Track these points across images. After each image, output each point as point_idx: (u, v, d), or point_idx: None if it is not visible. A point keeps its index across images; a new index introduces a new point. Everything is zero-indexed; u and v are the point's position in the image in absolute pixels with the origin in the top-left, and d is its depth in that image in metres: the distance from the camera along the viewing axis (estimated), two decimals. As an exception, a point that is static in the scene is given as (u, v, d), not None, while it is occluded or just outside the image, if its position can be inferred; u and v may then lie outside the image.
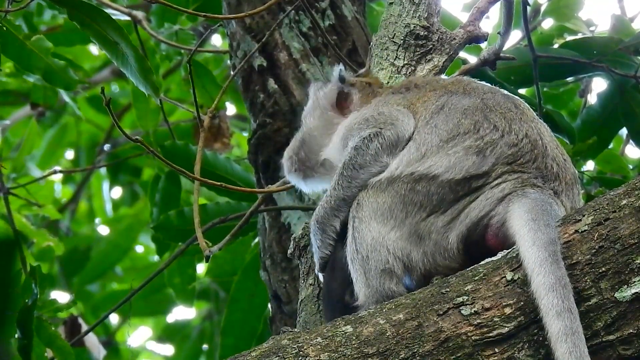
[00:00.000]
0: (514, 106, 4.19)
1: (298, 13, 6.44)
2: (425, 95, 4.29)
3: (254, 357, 3.79)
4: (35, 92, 7.79)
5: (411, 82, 4.49)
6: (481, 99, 4.19)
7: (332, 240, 4.20)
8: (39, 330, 5.00)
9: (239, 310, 7.04)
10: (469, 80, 4.43)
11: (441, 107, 4.18)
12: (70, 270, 9.81)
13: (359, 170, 4.18)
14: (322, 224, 4.21)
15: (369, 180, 4.14)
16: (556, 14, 6.90)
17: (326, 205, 4.21)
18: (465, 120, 4.10)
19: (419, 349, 3.75)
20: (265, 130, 6.40)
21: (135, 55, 4.62)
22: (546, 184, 4.02)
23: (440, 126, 4.11)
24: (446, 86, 4.32)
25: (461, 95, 4.23)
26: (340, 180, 4.19)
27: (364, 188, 4.14)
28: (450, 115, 4.13)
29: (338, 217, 4.20)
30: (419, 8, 4.86)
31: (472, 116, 4.11)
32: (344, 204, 4.18)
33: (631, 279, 3.70)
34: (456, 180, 4.00)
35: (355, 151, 4.21)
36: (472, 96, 4.21)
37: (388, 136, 4.19)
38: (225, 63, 9.02)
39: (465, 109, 4.14)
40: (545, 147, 4.09)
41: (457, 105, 4.16)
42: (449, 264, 3.99)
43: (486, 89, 4.29)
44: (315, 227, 4.23)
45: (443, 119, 4.13)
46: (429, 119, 4.17)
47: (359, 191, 4.14)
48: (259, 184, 6.44)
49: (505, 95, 4.27)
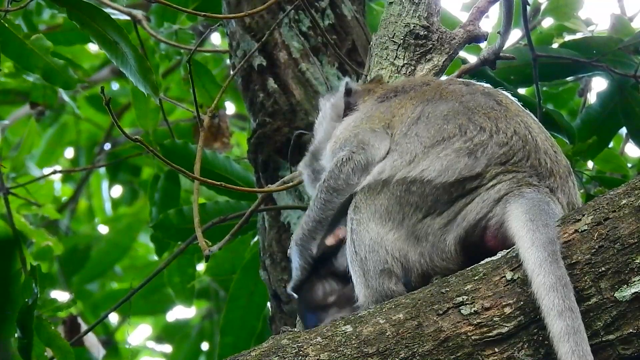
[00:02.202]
0: (496, 104, 4.17)
1: (298, 12, 6.44)
2: (403, 107, 4.27)
3: (253, 357, 3.79)
4: (34, 91, 7.79)
5: (398, 87, 4.47)
6: (459, 102, 4.16)
7: (308, 265, 4.24)
8: (38, 330, 5.00)
9: (238, 309, 7.04)
10: (447, 82, 4.40)
11: (418, 118, 4.16)
12: (69, 270, 9.81)
13: (332, 194, 4.21)
14: (301, 247, 4.26)
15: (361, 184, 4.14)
16: (556, 13, 6.90)
17: (305, 226, 4.26)
18: (448, 126, 4.08)
19: (418, 348, 3.75)
20: (265, 130, 6.39)
21: (135, 55, 4.62)
22: (541, 182, 4.01)
23: (421, 134, 4.10)
24: (424, 93, 4.29)
25: (437, 101, 4.20)
26: (316, 202, 4.24)
27: (359, 191, 4.13)
28: (430, 122, 4.11)
29: (315, 239, 4.24)
30: (418, 7, 4.86)
31: (454, 120, 4.08)
32: (320, 226, 4.23)
33: (631, 279, 3.70)
34: (450, 183, 3.99)
35: (329, 174, 4.24)
36: (449, 101, 4.18)
37: (358, 160, 4.20)
38: (225, 62, 9.02)
39: (445, 114, 4.12)
40: (535, 141, 4.07)
41: (435, 113, 4.14)
42: (446, 265, 3.99)
43: (464, 90, 4.25)
44: (294, 248, 4.27)
45: (423, 127, 4.12)
46: (407, 130, 4.15)
47: (334, 213, 4.20)
48: (258, 183, 6.44)
49: (485, 94, 4.23)
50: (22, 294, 4.85)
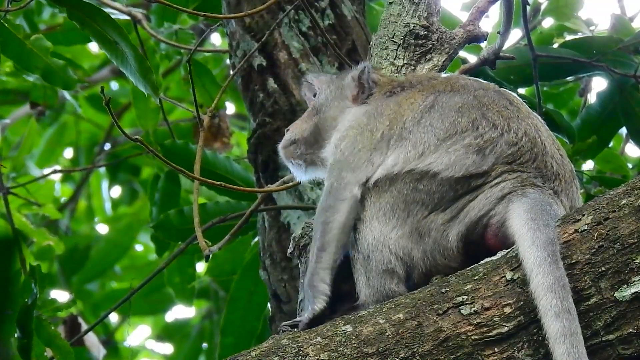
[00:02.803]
0: (509, 103, 4.16)
1: (297, 12, 6.44)
2: (412, 97, 4.22)
3: (253, 357, 3.79)
4: (35, 91, 7.79)
5: (407, 81, 4.43)
6: (474, 95, 4.14)
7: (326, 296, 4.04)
8: (38, 330, 4.99)
9: (238, 309, 7.04)
10: (457, 77, 4.37)
11: (431, 106, 4.12)
12: (69, 269, 9.80)
13: (327, 212, 4.09)
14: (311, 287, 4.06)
15: (369, 180, 4.11)
16: (556, 13, 6.90)
17: (312, 263, 4.08)
18: (462, 119, 4.06)
19: (418, 348, 3.75)
20: (265, 130, 6.39)
21: (135, 55, 4.61)
22: (546, 183, 4.01)
23: (435, 125, 4.07)
24: (434, 85, 4.26)
25: (450, 93, 4.17)
26: (317, 227, 4.11)
27: (366, 190, 4.09)
28: (445, 113, 4.08)
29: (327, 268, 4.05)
30: (418, 7, 4.85)
31: (468, 114, 4.07)
32: (324, 255, 4.05)
33: (631, 279, 3.70)
34: (456, 178, 3.99)
35: (325, 196, 4.13)
36: (462, 94, 4.16)
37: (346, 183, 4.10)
38: (225, 62, 9.02)
39: (460, 107, 4.09)
40: (543, 144, 4.07)
41: (449, 103, 4.11)
42: (448, 263, 3.98)
43: (476, 85, 4.24)
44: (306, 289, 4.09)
45: (437, 117, 4.08)
46: (420, 118, 4.11)
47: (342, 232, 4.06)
48: (258, 183, 6.44)
49: (498, 92, 4.22)
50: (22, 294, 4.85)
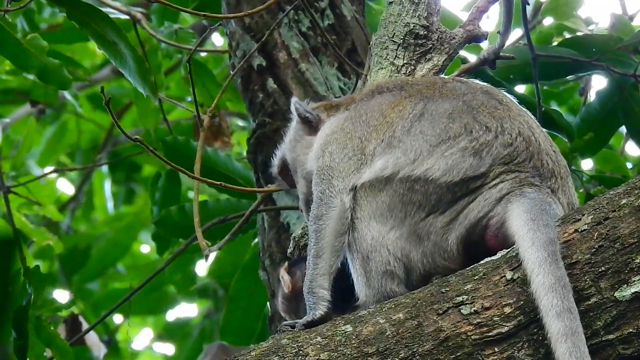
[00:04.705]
0: (499, 103, 4.15)
1: (297, 13, 6.44)
2: (400, 104, 4.21)
3: (253, 357, 3.80)
4: (35, 90, 7.79)
5: (382, 87, 4.40)
6: (462, 100, 4.13)
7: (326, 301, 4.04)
8: (38, 330, 4.99)
9: (238, 309, 7.04)
10: (443, 81, 4.35)
11: (420, 114, 4.11)
12: (70, 269, 9.80)
13: (319, 221, 4.11)
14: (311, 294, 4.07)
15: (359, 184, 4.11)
16: (556, 12, 6.90)
17: (309, 271, 4.10)
18: (454, 124, 4.04)
19: (418, 348, 3.75)
20: (265, 130, 6.40)
21: (134, 56, 4.61)
22: (543, 182, 4.01)
23: (426, 132, 4.05)
24: (421, 91, 4.23)
25: (438, 99, 4.15)
26: (311, 235, 4.13)
27: (359, 188, 4.10)
28: (436, 120, 4.07)
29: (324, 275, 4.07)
30: (418, 7, 4.85)
31: (459, 119, 4.05)
32: (320, 261, 4.07)
33: (631, 278, 3.70)
34: (454, 182, 3.98)
35: (316, 204, 4.15)
36: (451, 99, 4.14)
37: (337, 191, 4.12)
38: (225, 62, 9.02)
39: (450, 113, 4.08)
40: (538, 142, 4.07)
41: (439, 110, 4.09)
42: (448, 265, 3.98)
43: (463, 89, 4.21)
44: (306, 296, 4.10)
45: (428, 125, 4.07)
46: (410, 127, 4.09)
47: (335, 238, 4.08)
48: (258, 183, 6.44)
49: (486, 93, 4.20)
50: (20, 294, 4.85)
